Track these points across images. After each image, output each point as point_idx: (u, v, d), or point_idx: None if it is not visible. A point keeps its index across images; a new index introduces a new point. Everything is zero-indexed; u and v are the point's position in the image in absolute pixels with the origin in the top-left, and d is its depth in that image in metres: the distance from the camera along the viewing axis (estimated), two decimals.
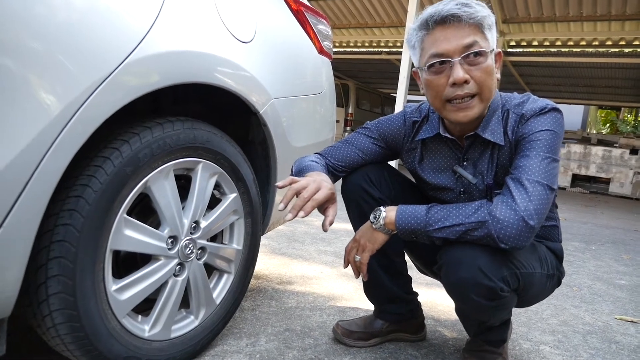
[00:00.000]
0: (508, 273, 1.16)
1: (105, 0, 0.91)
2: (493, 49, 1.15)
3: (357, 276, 1.30)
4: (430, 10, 1.14)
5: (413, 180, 1.47)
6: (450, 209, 1.16)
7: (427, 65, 1.16)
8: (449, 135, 1.27)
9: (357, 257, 1.27)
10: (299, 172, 1.31)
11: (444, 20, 1.12)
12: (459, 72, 1.12)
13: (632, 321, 2.01)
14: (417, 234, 1.18)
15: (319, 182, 1.18)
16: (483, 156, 1.26)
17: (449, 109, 1.17)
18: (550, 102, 1.19)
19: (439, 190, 1.35)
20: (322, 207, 1.20)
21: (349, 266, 1.31)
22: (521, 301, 1.29)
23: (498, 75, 1.19)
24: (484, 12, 1.12)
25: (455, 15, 1.10)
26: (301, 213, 1.13)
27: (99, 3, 0.90)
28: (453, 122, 1.22)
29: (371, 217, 1.25)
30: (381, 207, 1.24)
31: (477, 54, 1.12)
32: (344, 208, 1.46)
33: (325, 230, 1.17)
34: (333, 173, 1.39)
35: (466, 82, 1.13)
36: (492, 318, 1.25)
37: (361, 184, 1.38)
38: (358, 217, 1.40)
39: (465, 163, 1.29)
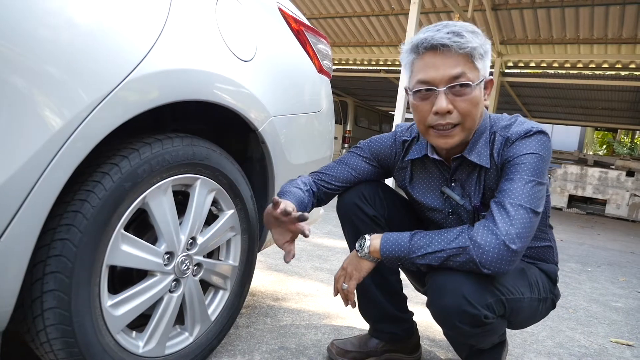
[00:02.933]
0: (493, 300, 1.15)
1: (108, 19, 0.93)
2: (483, 79, 1.15)
3: (346, 304, 1.30)
4: (421, 34, 1.14)
5: (407, 198, 1.48)
6: (432, 235, 1.16)
7: (413, 90, 1.17)
8: (436, 157, 1.28)
9: (345, 285, 1.27)
10: (280, 195, 1.32)
11: (434, 48, 1.12)
12: (442, 103, 1.12)
13: (627, 344, 2.00)
14: (401, 260, 1.18)
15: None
16: (470, 178, 1.27)
17: (431, 134, 1.19)
18: (536, 125, 1.19)
19: (429, 210, 1.36)
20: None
21: (339, 294, 1.31)
22: (513, 325, 1.28)
23: (487, 102, 1.19)
24: (475, 42, 1.11)
25: (445, 45, 1.10)
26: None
27: (101, 21, 0.92)
28: (435, 147, 1.24)
29: (356, 245, 1.26)
30: (366, 236, 1.24)
31: (463, 85, 1.11)
32: (339, 225, 1.46)
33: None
34: (326, 192, 1.40)
35: (449, 112, 1.13)
36: (480, 343, 1.24)
37: (355, 201, 1.39)
38: (352, 234, 1.40)
39: (453, 184, 1.30)
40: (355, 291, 1.29)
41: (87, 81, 0.87)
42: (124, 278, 1.22)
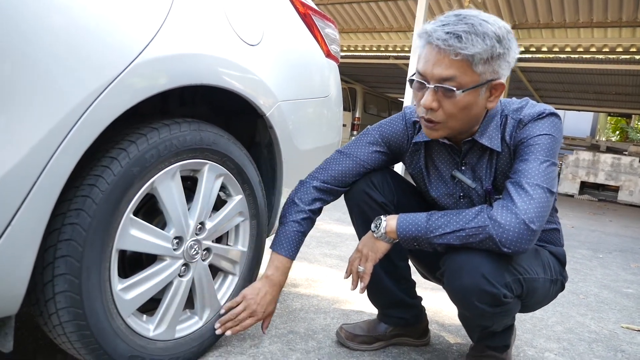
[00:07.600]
0: (511, 279, 1.16)
1: (113, 3, 0.93)
2: (484, 82, 1.10)
3: (354, 287, 1.30)
4: (428, 26, 1.11)
5: (414, 184, 1.47)
6: (450, 215, 1.16)
7: (410, 78, 1.17)
8: (446, 141, 1.27)
9: (361, 268, 1.27)
10: (280, 228, 1.37)
11: (432, 44, 1.09)
12: (427, 98, 1.12)
13: (638, 330, 1.99)
14: (418, 241, 1.18)
15: (253, 310, 1.31)
16: (481, 161, 1.26)
17: (422, 122, 1.19)
18: (548, 107, 1.19)
19: (439, 195, 1.35)
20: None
21: (351, 275, 1.31)
22: (525, 307, 1.28)
23: (492, 105, 1.16)
24: (478, 47, 1.04)
25: (439, 47, 1.07)
26: (228, 332, 1.31)
27: (107, 6, 0.91)
28: None
29: (372, 226, 1.26)
30: (382, 216, 1.25)
31: (448, 89, 1.09)
32: (348, 212, 1.46)
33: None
34: (338, 191, 1.39)
35: (433, 109, 1.12)
36: (495, 324, 1.25)
37: (364, 188, 1.38)
38: (361, 221, 1.40)
39: (463, 167, 1.29)
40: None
41: (93, 66, 0.87)
42: (134, 262, 1.23)
